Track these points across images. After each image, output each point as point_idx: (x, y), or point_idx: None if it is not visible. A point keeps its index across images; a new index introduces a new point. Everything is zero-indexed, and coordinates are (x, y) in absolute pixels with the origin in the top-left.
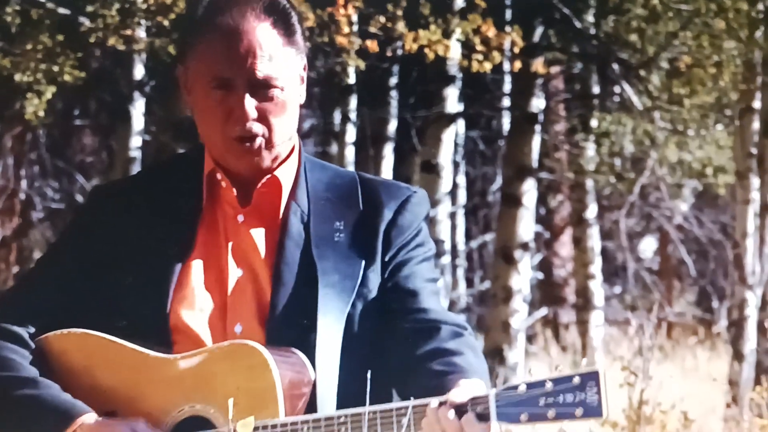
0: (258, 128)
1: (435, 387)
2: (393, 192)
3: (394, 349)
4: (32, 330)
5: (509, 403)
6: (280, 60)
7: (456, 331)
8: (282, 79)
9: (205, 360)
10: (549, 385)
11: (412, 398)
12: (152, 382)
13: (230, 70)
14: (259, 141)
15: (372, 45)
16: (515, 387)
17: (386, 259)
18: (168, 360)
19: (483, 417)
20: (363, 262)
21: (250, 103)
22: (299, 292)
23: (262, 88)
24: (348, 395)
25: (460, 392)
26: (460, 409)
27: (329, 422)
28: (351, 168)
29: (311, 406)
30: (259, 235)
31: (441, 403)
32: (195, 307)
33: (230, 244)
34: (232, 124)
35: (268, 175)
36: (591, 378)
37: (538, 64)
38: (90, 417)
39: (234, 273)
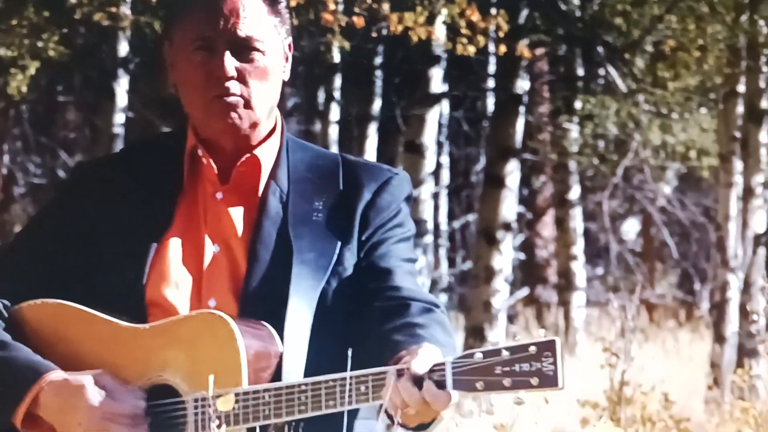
0: (237, 88)
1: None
2: (374, 173)
3: (366, 327)
4: (8, 303)
5: (465, 371)
6: (263, 25)
7: (426, 307)
8: (264, 43)
9: (173, 329)
10: (505, 354)
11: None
12: (123, 351)
13: (212, 29)
14: (237, 99)
15: (358, 21)
16: (471, 355)
17: (363, 238)
18: (139, 329)
19: (440, 384)
20: (339, 241)
21: (230, 62)
22: (274, 268)
23: (243, 50)
24: (318, 369)
25: (420, 361)
26: (419, 378)
27: (290, 390)
28: (335, 147)
29: (278, 379)
30: (237, 213)
31: (400, 373)
32: (171, 282)
33: (207, 221)
34: (212, 83)
35: (248, 154)
36: (547, 348)
37: (523, 47)
38: (57, 374)
39: (210, 249)
